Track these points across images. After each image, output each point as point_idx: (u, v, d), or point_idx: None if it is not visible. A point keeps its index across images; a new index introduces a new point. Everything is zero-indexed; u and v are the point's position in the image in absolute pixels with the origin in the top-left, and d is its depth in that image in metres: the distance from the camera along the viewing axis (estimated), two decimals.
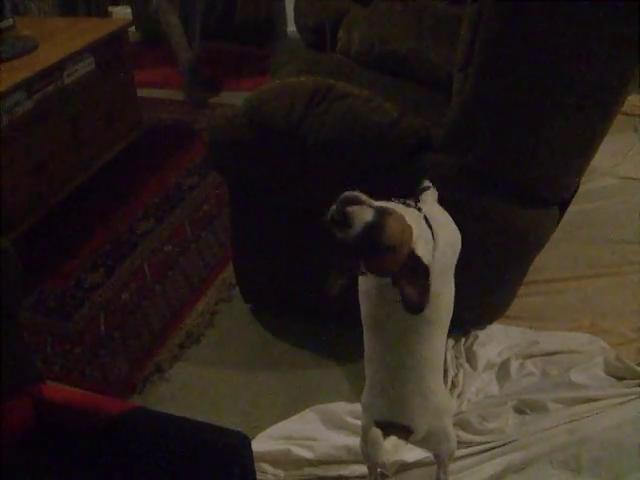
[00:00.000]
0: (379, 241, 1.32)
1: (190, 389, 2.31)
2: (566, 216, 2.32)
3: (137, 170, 3.64)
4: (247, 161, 2.13)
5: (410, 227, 1.40)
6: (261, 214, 2.29)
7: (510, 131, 1.90)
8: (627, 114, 3.93)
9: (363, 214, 1.31)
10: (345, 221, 1.31)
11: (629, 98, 4.02)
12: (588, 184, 3.25)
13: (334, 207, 1.35)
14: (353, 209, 1.31)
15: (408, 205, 1.54)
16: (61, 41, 3.33)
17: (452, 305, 1.60)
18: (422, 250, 1.40)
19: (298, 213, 2.20)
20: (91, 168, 3.37)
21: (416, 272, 1.36)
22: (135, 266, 2.90)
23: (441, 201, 1.76)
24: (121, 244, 3.04)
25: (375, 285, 1.51)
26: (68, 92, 3.18)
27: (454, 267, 1.59)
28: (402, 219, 1.39)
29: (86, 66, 3.30)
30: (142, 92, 3.86)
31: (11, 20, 3.55)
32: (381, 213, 1.33)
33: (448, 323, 1.60)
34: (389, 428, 1.57)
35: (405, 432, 1.56)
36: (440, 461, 1.78)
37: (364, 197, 1.33)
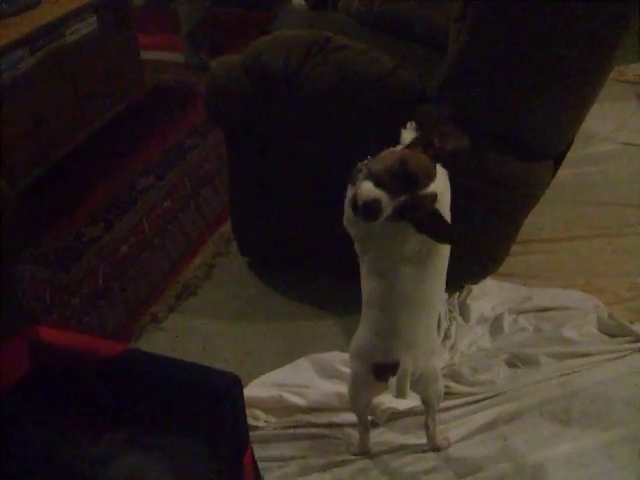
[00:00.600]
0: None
1: (185, 338, 2.34)
2: (564, 178, 2.34)
3: (138, 129, 3.65)
4: (244, 111, 2.14)
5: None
6: (258, 165, 2.31)
7: (501, 82, 1.91)
8: (630, 82, 3.93)
9: None
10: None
11: (632, 66, 4.04)
12: (588, 148, 3.27)
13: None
14: None
15: None
16: None
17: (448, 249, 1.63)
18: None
19: (295, 164, 2.22)
20: (92, 126, 3.38)
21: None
22: (135, 221, 2.91)
23: None
24: (121, 200, 3.06)
25: (388, 226, 1.52)
26: (70, 50, 3.18)
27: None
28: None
29: (89, 25, 3.31)
30: (144, 55, 3.85)
31: None
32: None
33: (446, 265, 1.63)
34: (385, 371, 1.60)
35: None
36: (429, 406, 1.80)
37: None
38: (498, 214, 2.17)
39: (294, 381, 2.10)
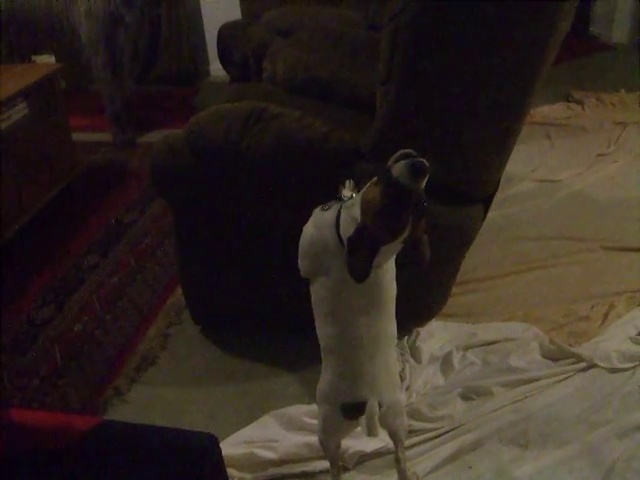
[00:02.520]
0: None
1: (150, 408, 2.38)
2: (491, 219, 2.51)
3: (77, 210, 3.71)
4: (190, 184, 2.24)
5: None
6: (206, 234, 2.40)
7: (431, 135, 2.06)
8: (540, 123, 4.18)
9: None
10: (423, 169, 1.46)
11: (541, 108, 4.31)
12: (509, 189, 3.46)
13: (408, 159, 1.48)
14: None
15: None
16: None
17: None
18: None
19: (242, 229, 2.32)
20: (32, 210, 3.43)
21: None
22: (84, 299, 2.96)
23: None
24: (68, 280, 3.10)
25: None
26: (4, 137, 3.23)
27: None
28: None
29: (20, 111, 3.37)
30: (74, 137, 3.92)
31: None
32: None
33: (394, 309, 1.76)
34: (353, 410, 1.70)
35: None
36: (397, 438, 1.89)
37: None
38: (437, 258, 2.29)
39: (262, 437, 2.17)
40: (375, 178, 1.57)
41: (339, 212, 1.68)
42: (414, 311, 2.46)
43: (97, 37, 4.17)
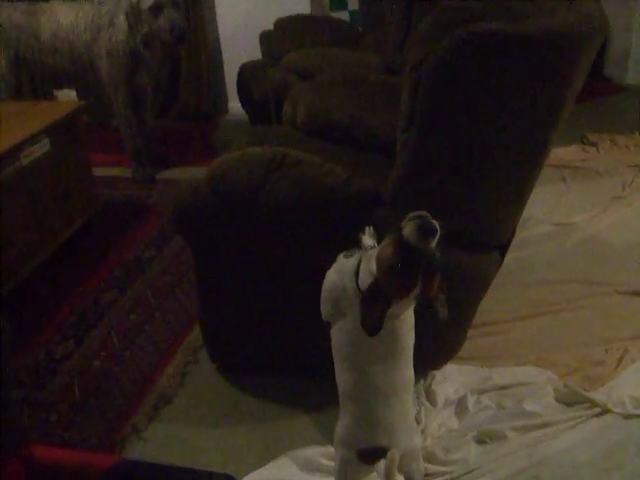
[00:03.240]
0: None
1: (168, 447, 2.41)
2: (507, 262, 2.54)
3: (96, 245, 3.76)
4: (212, 227, 2.29)
5: None
6: (226, 276, 2.45)
7: (450, 184, 2.11)
8: (555, 166, 4.21)
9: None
10: (432, 231, 1.53)
11: (556, 150, 4.35)
12: (524, 232, 3.49)
13: (418, 219, 1.57)
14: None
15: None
16: (18, 124, 3.47)
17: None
18: None
19: (262, 271, 2.37)
20: (52, 245, 3.49)
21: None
22: (103, 335, 3.00)
23: None
24: (87, 316, 3.14)
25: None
26: (26, 173, 3.30)
27: None
28: None
29: (42, 147, 3.43)
30: (94, 172, 3.99)
31: None
32: None
33: (412, 356, 1.80)
34: (370, 455, 1.73)
35: (384, 454, 1.73)
36: None
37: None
38: (454, 303, 2.33)
39: (279, 477, 2.20)
40: (390, 235, 1.63)
41: (359, 261, 1.73)
42: (430, 354, 2.49)
43: (118, 76, 4.25)
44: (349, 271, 1.75)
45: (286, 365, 2.64)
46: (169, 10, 3.96)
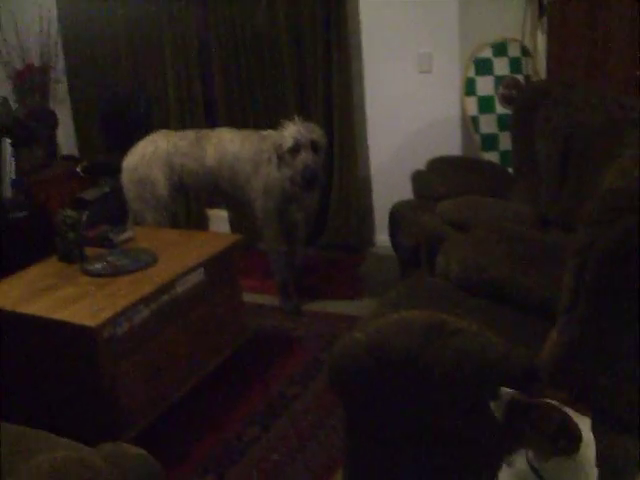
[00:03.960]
0: None
1: None
2: None
3: (242, 376, 3.85)
4: (367, 388, 2.33)
5: None
6: (377, 431, 2.46)
7: (611, 369, 2.06)
8: None
9: None
10: None
11: None
12: None
13: None
14: None
15: None
16: (177, 255, 3.67)
17: None
18: None
19: (411, 431, 2.37)
20: (201, 373, 3.59)
21: None
22: (244, 474, 3.04)
23: None
24: (230, 451, 3.20)
25: None
26: (180, 301, 3.44)
27: None
28: None
29: (197, 276, 3.58)
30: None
31: (131, 232, 3.95)
32: None
33: None
34: None
35: None
36: None
37: None
38: None
39: None
40: None
41: None
42: None
43: (271, 212, 4.42)
44: None
45: None
46: (306, 152, 4.12)
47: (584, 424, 1.76)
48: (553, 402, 1.77)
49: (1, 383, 3.24)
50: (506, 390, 1.85)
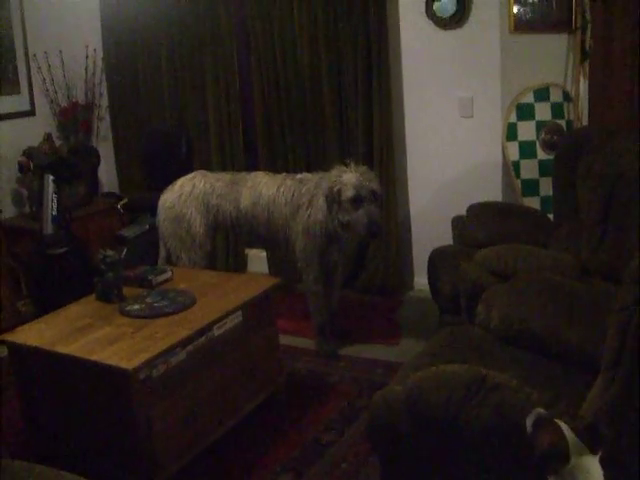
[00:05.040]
0: None
1: None
2: None
3: (276, 420, 3.82)
4: (404, 443, 2.30)
5: None
6: None
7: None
8: None
9: None
10: None
11: None
12: None
13: None
14: None
15: None
16: (215, 297, 3.68)
17: None
18: None
19: None
20: (237, 416, 3.58)
21: None
22: None
23: None
24: None
25: None
26: (217, 343, 3.44)
27: None
28: None
29: (234, 319, 3.58)
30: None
31: (170, 272, 3.96)
32: None
33: None
34: None
35: None
36: None
37: None
38: None
39: None
40: None
41: None
42: None
43: (311, 253, 4.41)
44: None
45: None
46: (370, 205, 4.11)
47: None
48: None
49: (37, 424, 3.25)
50: None
